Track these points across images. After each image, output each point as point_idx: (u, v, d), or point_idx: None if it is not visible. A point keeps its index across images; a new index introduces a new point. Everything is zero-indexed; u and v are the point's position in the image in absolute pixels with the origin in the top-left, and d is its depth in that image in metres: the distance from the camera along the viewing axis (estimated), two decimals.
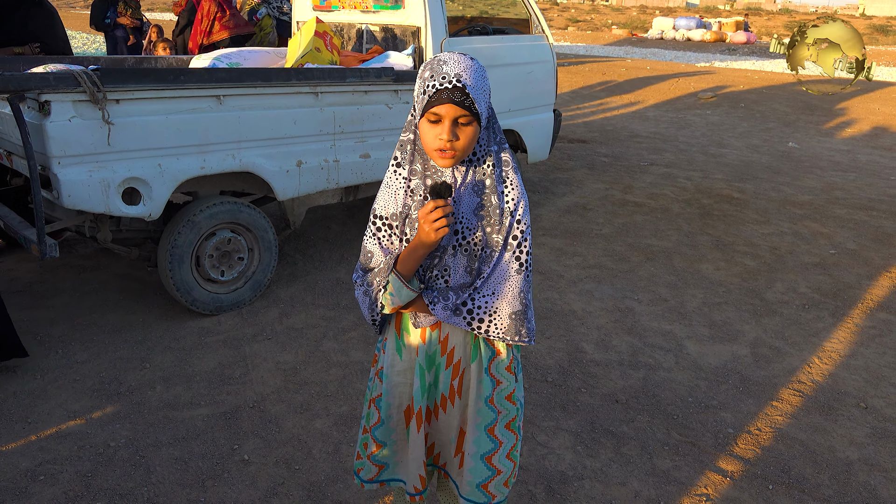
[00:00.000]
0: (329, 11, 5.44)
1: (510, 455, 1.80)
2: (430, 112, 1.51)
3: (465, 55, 1.53)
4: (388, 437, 1.83)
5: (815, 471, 2.76)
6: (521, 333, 1.67)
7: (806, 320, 4.07)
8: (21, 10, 4.81)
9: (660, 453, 2.84)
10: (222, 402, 3.10)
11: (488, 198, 1.62)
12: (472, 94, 1.49)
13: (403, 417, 1.81)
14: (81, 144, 3.18)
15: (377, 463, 1.85)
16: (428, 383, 1.75)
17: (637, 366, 3.50)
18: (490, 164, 1.62)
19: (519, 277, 1.65)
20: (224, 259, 3.90)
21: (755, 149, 8.92)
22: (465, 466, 1.79)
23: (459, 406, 1.77)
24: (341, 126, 4.15)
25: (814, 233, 5.61)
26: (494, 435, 1.76)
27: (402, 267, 1.62)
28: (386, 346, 1.80)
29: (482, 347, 1.72)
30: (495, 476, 1.78)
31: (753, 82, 13.93)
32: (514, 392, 1.78)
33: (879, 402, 3.25)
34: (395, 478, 1.88)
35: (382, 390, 1.80)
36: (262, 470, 2.67)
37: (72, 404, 3.04)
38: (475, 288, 1.64)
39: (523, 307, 1.66)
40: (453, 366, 1.73)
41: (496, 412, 1.75)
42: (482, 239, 1.63)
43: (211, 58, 4.73)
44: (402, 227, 1.65)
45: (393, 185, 1.65)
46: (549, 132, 5.83)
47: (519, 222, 1.63)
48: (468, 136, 1.53)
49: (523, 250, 1.64)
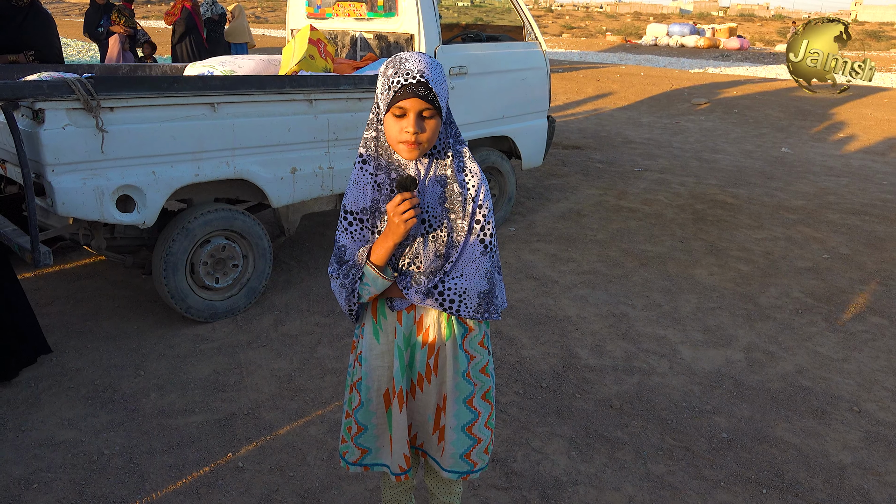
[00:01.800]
0: (323, 19, 5.46)
1: (487, 423, 1.91)
2: (395, 106, 1.60)
3: (424, 54, 1.63)
4: (369, 421, 1.90)
5: (809, 475, 2.77)
6: (489, 311, 1.78)
7: (799, 325, 4.09)
8: (19, 17, 4.81)
9: (654, 458, 2.84)
10: (217, 409, 3.09)
11: (451, 187, 1.72)
12: (435, 89, 1.59)
13: (383, 400, 1.88)
14: (75, 152, 3.18)
15: (360, 447, 1.92)
16: (405, 363, 1.84)
17: (631, 371, 3.51)
18: (450, 156, 1.73)
19: (484, 258, 1.75)
20: (219, 266, 3.90)
21: (748, 154, 8.96)
22: (446, 440, 1.88)
23: (436, 383, 1.85)
24: (335, 133, 4.16)
25: (807, 238, 5.64)
26: (473, 406, 1.87)
27: (374, 257, 1.71)
28: (364, 332, 1.88)
29: (455, 326, 1.82)
30: (476, 444, 1.90)
31: (747, 88, 14.01)
32: (487, 365, 1.89)
33: (872, 405, 3.27)
34: (378, 462, 1.95)
35: (362, 374, 1.87)
36: (257, 477, 2.66)
37: (66, 412, 3.03)
38: (445, 272, 1.74)
39: (490, 286, 1.77)
40: (429, 345, 1.82)
41: (473, 384, 1.86)
42: (448, 225, 1.74)
43: (206, 66, 4.75)
44: (373, 220, 1.75)
45: (360, 180, 1.74)
46: (543, 138, 5.85)
47: (480, 207, 1.74)
48: (432, 128, 1.63)
49: (487, 232, 1.75)
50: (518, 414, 3.11)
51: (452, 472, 1.91)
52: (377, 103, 1.68)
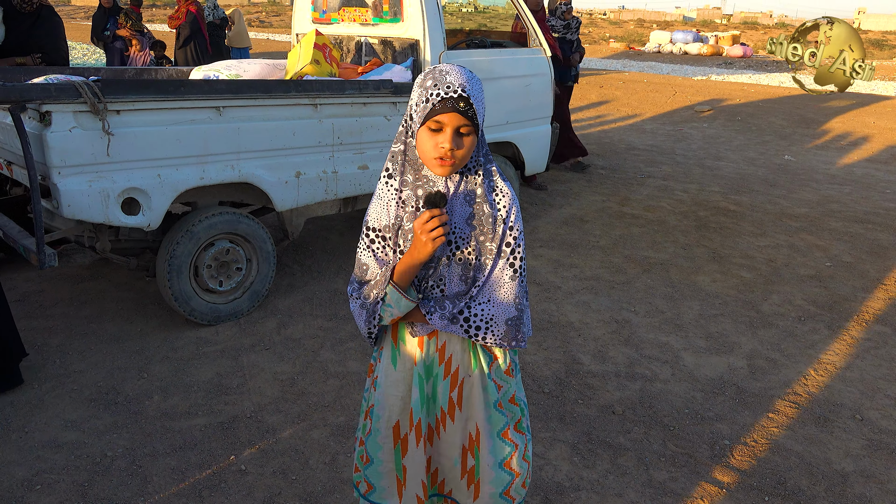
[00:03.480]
0: (328, 24, 5.48)
1: (525, 456, 1.81)
2: (432, 120, 1.51)
3: (465, 68, 1.55)
4: (376, 455, 1.79)
5: (811, 482, 2.77)
6: (517, 339, 1.68)
7: (802, 332, 4.08)
8: (29, 20, 4.83)
9: (656, 465, 2.84)
10: (220, 412, 3.10)
11: (480, 207, 1.63)
12: (475, 105, 1.51)
13: (392, 434, 1.77)
14: (81, 155, 3.20)
15: (367, 480, 1.83)
16: (427, 395, 1.73)
17: (634, 377, 3.51)
18: (480, 174, 1.64)
19: (513, 284, 1.66)
20: (222, 269, 3.91)
21: (751, 161, 8.97)
22: (482, 479, 1.76)
23: (460, 420, 1.75)
24: (340, 138, 4.17)
25: (810, 245, 5.64)
26: (509, 438, 1.77)
27: (398, 278, 1.62)
28: (382, 356, 1.79)
29: (481, 354, 1.73)
30: (514, 479, 1.79)
31: (750, 95, 14.02)
32: (515, 394, 1.80)
33: (875, 413, 3.26)
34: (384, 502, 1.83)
35: (375, 400, 1.79)
36: (259, 480, 2.67)
37: (69, 414, 3.04)
38: (471, 296, 1.65)
39: (519, 312, 1.68)
40: (451, 375, 1.72)
41: (506, 416, 1.76)
42: (476, 248, 1.64)
43: (211, 69, 4.76)
44: (395, 238, 1.65)
45: (385, 196, 1.65)
46: (546, 144, 5.86)
47: (511, 229, 1.65)
48: (468, 146, 1.55)
49: (517, 257, 1.65)
50: None
51: None
52: (410, 115, 1.59)
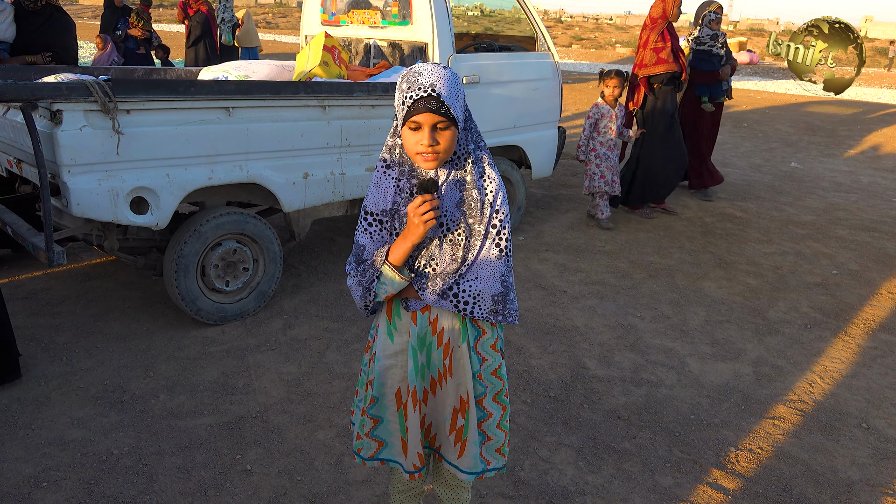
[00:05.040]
0: (337, 26, 5.50)
1: (500, 425, 1.95)
2: (410, 120, 1.64)
3: (438, 64, 1.65)
4: (384, 415, 1.94)
5: (817, 490, 2.76)
6: (503, 313, 1.82)
7: (808, 340, 4.08)
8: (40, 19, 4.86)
9: (661, 470, 2.84)
10: (225, 411, 3.10)
11: (469, 192, 1.75)
12: (447, 102, 1.61)
13: (395, 399, 1.92)
14: (91, 153, 3.21)
15: (377, 438, 1.96)
16: (421, 363, 1.87)
17: (639, 382, 3.51)
18: (469, 162, 1.75)
19: (499, 262, 1.78)
20: (229, 269, 3.92)
21: (757, 168, 8.96)
22: (468, 440, 1.91)
23: (452, 384, 1.88)
24: (348, 139, 4.18)
25: (816, 253, 5.63)
26: (483, 406, 1.92)
27: (393, 257, 1.75)
28: (378, 332, 1.91)
29: (469, 328, 1.87)
30: (486, 441, 1.94)
31: (756, 102, 14.01)
32: (499, 368, 1.93)
33: (881, 422, 3.25)
34: (393, 458, 1.98)
35: (376, 373, 1.91)
36: (265, 480, 2.67)
37: (75, 411, 3.05)
38: (460, 274, 1.77)
39: (504, 289, 1.80)
40: (444, 345, 1.86)
41: (484, 386, 1.91)
42: (465, 230, 1.77)
43: (220, 70, 4.78)
44: (392, 222, 1.79)
45: (382, 183, 1.78)
46: (553, 149, 5.86)
47: (497, 212, 1.77)
48: (447, 139, 1.66)
49: (502, 237, 1.78)
50: (526, 423, 3.11)
51: (470, 473, 1.94)
52: (395, 114, 1.72)
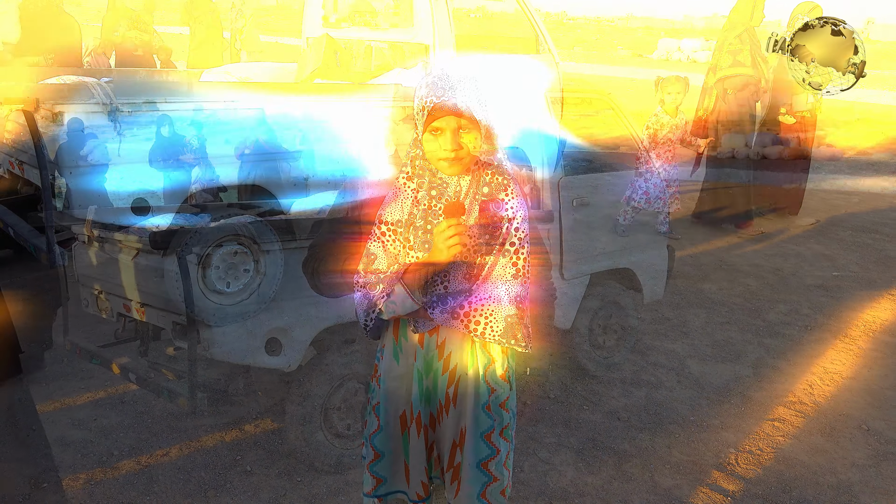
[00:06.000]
0: (338, 28, 5.51)
1: (505, 463, 1.81)
2: (431, 126, 1.58)
3: (456, 67, 1.60)
4: (387, 446, 1.82)
5: (816, 492, 2.76)
6: (516, 338, 1.70)
7: (808, 341, 4.08)
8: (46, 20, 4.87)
9: (661, 471, 2.84)
10: (226, 412, 3.11)
11: (487, 205, 1.68)
12: (469, 104, 1.56)
13: (399, 423, 1.81)
14: (93, 155, 3.21)
15: (376, 475, 1.84)
16: (426, 388, 1.77)
17: (639, 384, 3.51)
18: (490, 174, 1.69)
19: (515, 283, 1.69)
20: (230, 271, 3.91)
21: None
22: (462, 478, 1.78)
23: (454, 415, 1.78)
24: None
25: (817, 255, 5.62)
26: (491, 442, 1.77)
27: (409, 278, 1.65)
28: (384, 353, 1.82)
29: (479, 355, 1.75)
30: (492, 482, 1.79)
31: None
32: (507, 400, 1.80)
33: (881, 424, 3.25)
34: (394, 490, 1.87)
35: (380, 397, 1.82)
36: (265, 481, 2.67)
37: (76, 412, 3.06)
38: (473, 292, 1.68)
39: (519, 312, 1.70)
40: (449, 372, 1.75)
41: (492, 419, 1.77)
42: (481, 246, 1.68)
43: (220, 72, 4.79)
44: (406, 233, 1.69)
45: (401, 194, 1.70)
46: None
47: (517, 230, 1.68)
48: (471, 141, 1.61)
49: (520, 257, 1.69)
50: (526, 424, 3.11)
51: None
52: (415, 123, 1.65)
